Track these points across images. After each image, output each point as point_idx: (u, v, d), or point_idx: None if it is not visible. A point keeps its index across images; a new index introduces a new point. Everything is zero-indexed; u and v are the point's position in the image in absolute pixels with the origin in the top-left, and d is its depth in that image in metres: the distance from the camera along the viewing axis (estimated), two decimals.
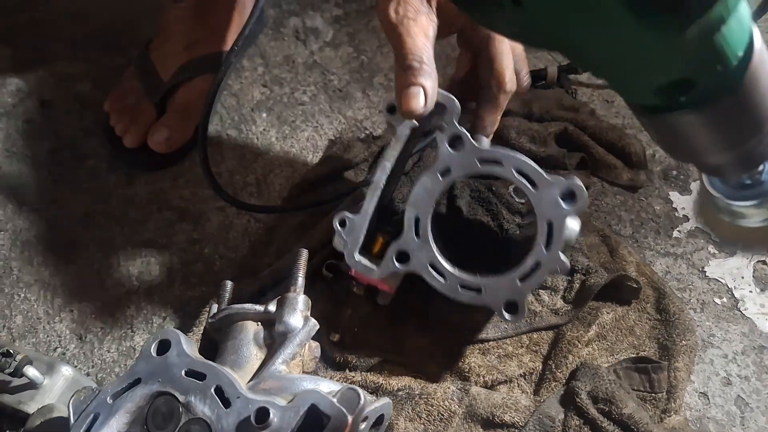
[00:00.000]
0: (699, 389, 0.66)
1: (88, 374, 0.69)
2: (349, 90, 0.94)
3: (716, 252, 0.75)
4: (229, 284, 0.63)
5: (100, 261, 0.78)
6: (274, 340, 0.56)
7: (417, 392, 0.62)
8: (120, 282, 0.76)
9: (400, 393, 0.62)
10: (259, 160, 0.87)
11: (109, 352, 0.71)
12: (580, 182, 0.57)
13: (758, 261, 0.74)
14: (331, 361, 0.66)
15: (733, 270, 0.74)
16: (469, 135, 0.58)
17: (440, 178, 0.59)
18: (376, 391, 0.62)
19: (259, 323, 0.58)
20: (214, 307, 0.61)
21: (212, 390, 0.50)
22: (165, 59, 0.87)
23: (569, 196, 0.56)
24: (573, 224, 0.58)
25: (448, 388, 0.63)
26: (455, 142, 0.58)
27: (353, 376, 0.63)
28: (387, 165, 0.61)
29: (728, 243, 0.73)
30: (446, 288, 0.60)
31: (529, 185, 0.57)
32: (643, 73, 0.39)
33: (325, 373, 0.64)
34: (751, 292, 0.72)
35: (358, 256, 0.60)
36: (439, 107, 0.58)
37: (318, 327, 0.57)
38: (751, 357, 0.68)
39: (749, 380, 0.66)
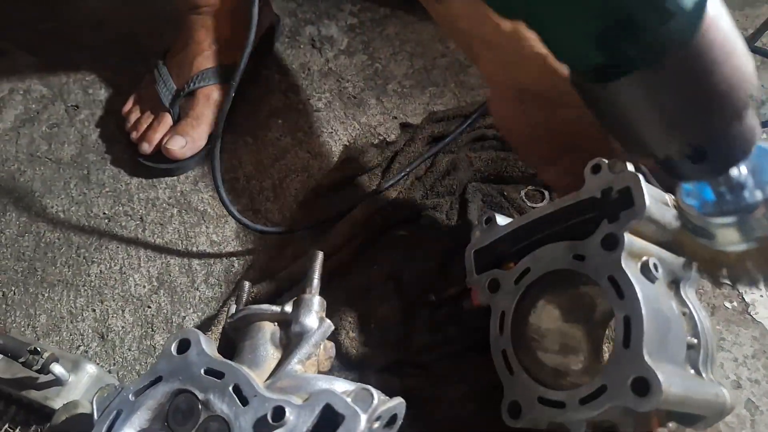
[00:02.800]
0: None
1: (109, 371, 0.71)
2: (363, 97, 0.95)
3: None
4: (247, 285, 0.64)
5: (122, 262, 0.80)
6: (290, 340, 0.57)
7: (430, 392, 0.64)
8: (141, 282, 0.78)
9: (413, 393, 0.63)
10: (275, 165, 0.89)
11: (130, 350, 0.73)
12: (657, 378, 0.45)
13: None
14: (345, 361, 0.67)
15: None
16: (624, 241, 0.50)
17: (570, 257, 0.53)
18: (389, 390, 0.64)
19: (276, 324, 0.59)
20: (233, 308, 0.62)
21: (230, 388, 0.51)
22: (180, 67, 0.90)
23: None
24: None
25: (460, 387, 0.64)
26: (609, 242, 0.50)
27: (367, 376, 0.65)
28: (549, 210, 0.56)
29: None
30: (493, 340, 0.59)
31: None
32: (579, 14, 0.36)
33: (340, 373, 0.66)
34: (762, 296, 0.72)
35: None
36: (627, 197, 0.50)
37: (333, 328, 0.58)
38: (762, 361, 0.68)
39: (759, 384, 0.67)
